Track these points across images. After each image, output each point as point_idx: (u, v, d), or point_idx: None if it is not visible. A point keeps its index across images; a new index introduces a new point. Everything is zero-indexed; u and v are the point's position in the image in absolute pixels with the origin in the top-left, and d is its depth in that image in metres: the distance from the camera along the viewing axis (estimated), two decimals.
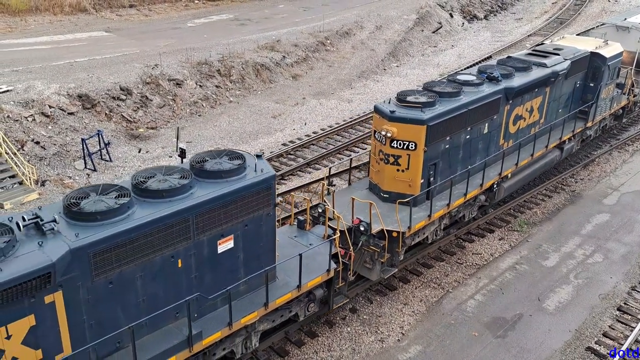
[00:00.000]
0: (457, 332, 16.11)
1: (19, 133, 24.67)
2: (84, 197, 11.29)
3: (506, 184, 21.14)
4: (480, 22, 57.24)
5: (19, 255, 9.94)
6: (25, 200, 21.68)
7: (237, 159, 13.19)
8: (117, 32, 43.10)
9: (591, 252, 19.93)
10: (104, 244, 10.69)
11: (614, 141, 29.12)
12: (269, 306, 13.54)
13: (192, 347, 12.18)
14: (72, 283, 10.44)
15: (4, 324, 9.81)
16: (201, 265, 12.56)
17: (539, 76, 21.51)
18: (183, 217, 11.75)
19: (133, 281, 11.46)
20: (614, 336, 15.94)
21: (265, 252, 13.81)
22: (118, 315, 11.45)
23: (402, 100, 17.86)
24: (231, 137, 28.91)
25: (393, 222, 16.62)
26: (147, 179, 12.08)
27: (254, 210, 13.14)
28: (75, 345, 10.83)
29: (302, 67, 39.62)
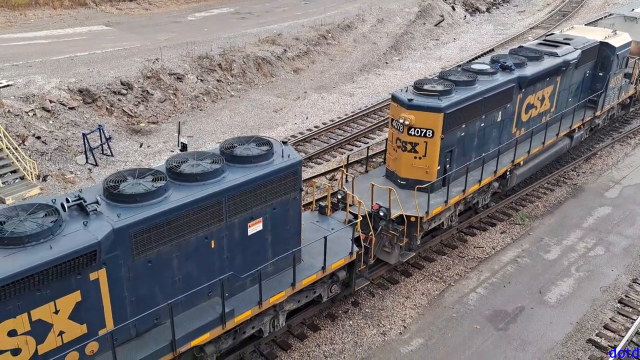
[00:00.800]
0: (459, 325, 16.13)
1: (19, 128, 24.67)
2: (123, 180, 11.80)
3: (518, 171, 21.60)
4: (483, 15, 57.10)
5: (66, 234, 10.42)
6: (26, 195, 21.70)
7: (265, 145, 13.68)
8: (117, 26, 43.05)
9: (593, 245, 19.92)
10: (144, 225, 11.16)
11: (616, 134, 29.07)
12: (295, 286, 14.05)
13: (225, 324, 12.72)
14: (114, 261, 10.99)
15: (53, 299, 10.28)
16: (232, 247, 13.07)
17: (551, 65, 21.96)
18: (216, 199, 12.24)
19: (170, 260, 11.97)
20: (615, 328, 15.95)
21: (291, 235, 14.33)
22: (156, 293, 11.95)
23: (420, 88, 18.21)
24: (232, 131, 28.89)
25: (411, 207, 17.12)
26: (180, 163, 12.56)
27: (282, 194, 13.64)
28: (117, 320, 11.34)
29: (303, 61, 39.56)
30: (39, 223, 10.33)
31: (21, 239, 10.02)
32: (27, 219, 10.44)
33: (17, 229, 10.13)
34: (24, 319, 10.05)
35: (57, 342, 10.61)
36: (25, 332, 10.13)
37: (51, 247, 10.04)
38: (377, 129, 29.26)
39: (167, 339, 11.80)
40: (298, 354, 15.05)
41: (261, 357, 14.92)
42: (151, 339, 11.88)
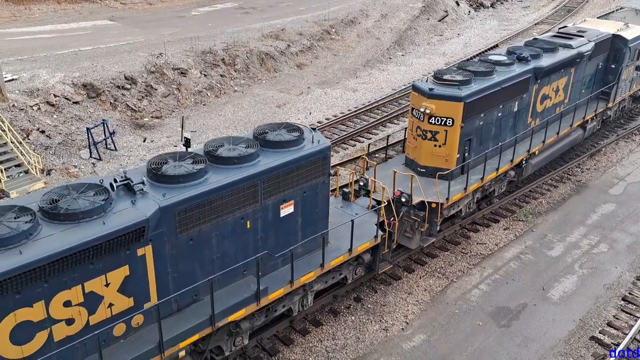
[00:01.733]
0: (461, 321, 16.13)
1: (24, 122, 24.71)
2: (164, 163, 12.47)
3: (534, 160, 22.14)
4: (487, 10, 56.91)
5: (116, 211, 11.06)
6: (31, 189, 21.73)
7: (296, 131, 14.30)
8: (121, 21, 43.03)
9: (596, 242, 19.89)
10: (187, 204, 11.80)
11: (621, 131, 28.99)
12: (324, 267, 14.67)
13: (260, 301, 13.33)
14: (160, 238, 11.62)
15: (104, 272, 10.93)
16: (266, 227, 13.69)
17: (565, 57, 22.44)
18: (252, 182, 12.87)
19: (209, 239, 12.59)
20: (618, 326, 15.93)
21: (320, 217, 14.94)
22: (195, 269, 12.56)
23: (440, 78, 18.74)
24: (236, 126, 28.89)
25: (432, 194, 17.68)
26: (217, 147, 13.19)
27: (312, 178, 14.25)
28: (160, 295, 11.97)
29: (306, 56, 39.50)
30: (91, 201, 10.99)
31: (76, 215, 10.63)
32: (79, 197, 11.08)
33: (72, 206, 10.73)
34: (78, 291, 10.68)
35: (106, 314, 11.25)
36: (78, 303, 10.75)
37: (104, 223, 10.68)
38: (380, 125, 29.23)
39: (207, 314, 12.39)
40: (300, 349, 15.08)
41: (263, 352, 14.95)
42: (191, 314, 12.47)
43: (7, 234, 9.93)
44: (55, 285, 10.30)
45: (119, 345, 11.48)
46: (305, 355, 14.90)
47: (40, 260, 9.85)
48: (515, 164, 20.97)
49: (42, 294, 10.21)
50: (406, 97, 33.19)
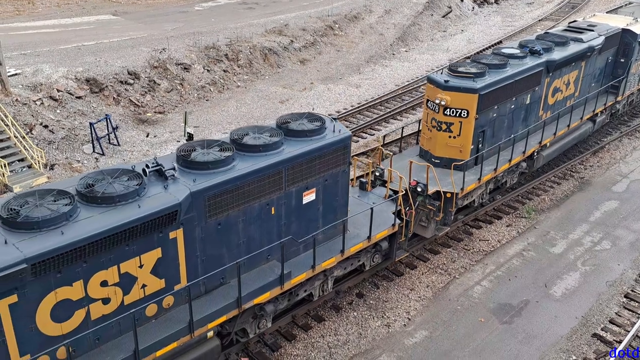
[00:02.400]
0: (463, 317, 16.14)
1: (27, 117, 24.73)
2: (193, 150, 12.86)
3: (545, 152, 22.58)
4: (491, 7, 56.76)
5: (150, 195, 11.48)
6: (34, 183, 21.77)
7: (317, 121, 14.70)
8: (124, 16, 43.02)
9: (599, 239, 19.86)
10: (216, 189, 12.23)
11: (624, 128, 28.93)
12: (344, 253, 15.08)
13: (283, 285, 13.76)
14: (190, 222, 12.04)
15: (139, 254, 11.36)
16: (289, 214, 14.12)
17: (577, 50, 22.91)
18: (277, 169, 13.30)
19: (236, 224, 13.02)
20: (620, 323, 15.92)
21: (340, 205, 15.36)
22: (223, 253, 13.01)
23: (455, 70, 19.18)
24: (239, 122, 28.88)
25: (446, 184, 18.05)
26: (243, 136, 13.62)
27: (333, 167, 14.67)
28: (190, 277, 12.43)
29: (310, 52, 39.46)
30: (125, 185, 11.41)
31: (112, 198, 11.05)
32: (114, 181, 11.50)
33: (108, 190, 11.18)
34: (114, 271, 11.12)
35: (139, 294, 11.69)
36: (114, 283, 11.19)
37: (140, 207, 11.09)
38: (384, 121, 29.20)
39: (234, 296, 12.82)
40: (302, 345, 15.10)
41: (266, 347, 14.97)
42: (219, 296, 12.94)
43: (48, 215, 10.29)
44: (93, 266, 10.75)
45: (151, 325, 11.95)
46: (307, 351, 14.92)
47: (80, 240, 10.26)
48: (527, 155, 21.36)
49: (81, 274, 10.64)
50: (409, 93, 33.16)
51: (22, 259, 9.65)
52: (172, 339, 11.92)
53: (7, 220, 10.24)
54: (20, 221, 10.18)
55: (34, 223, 10.18)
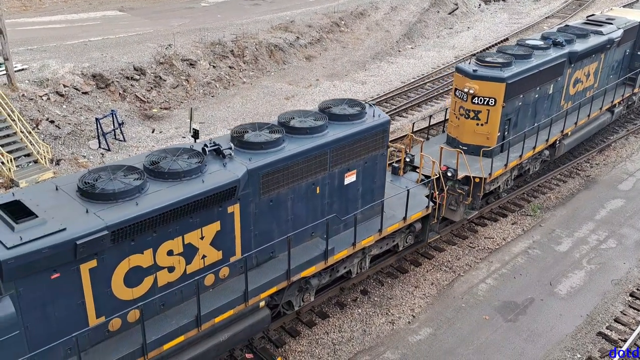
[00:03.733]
0: (468, 315, 16.12)
1: (33, 112, 24.80)
2: (245, 132, 13.67)
3: (566, 141, 23.36)
4: (498, 4, 56.56)
5: (211, 172, 12.32)
6: (40, 179, 21.83)
7: (357, 106, 15.47)
8: (130, 12, 43.07)
9: (605, 237, 19.80)
10: (269, 168, 13.08)
11: (631, 126, 28.82)
12: (382, 232, 15.88)
13: (327, 260, 14.61)
14: (246, 198, 12.91)
15: (200, 226, 12.21)
16: (332, 194, 14.94)
17: (597, 43, 23.73)
18: (323, 150, 14.12)
19: (285, 202, 13.86)
20: (625, 322, 15.88)
21: (377, 187, 16.20)
22: (273, 229, 13.84)
23: (482, 60, 20.08)
24: (244, 118, 28.90)
25: (475, 169, 18.86)
26: (290, 119, 14.43)
27: (372, 150, 15.45)
28: (244, 250, 13.29)
29: (315, 49, 39.42)
30: (189, 162, 12.23)
31: (178, 174, 11.90)
32: (177, 159, 12.34)
33: (173, 167, 12.02)
34: (179, 242, 11.95)
35: (200, 264, 12.52)
36: (179, 253, 12.03)
37: (203, 182, 11.92)
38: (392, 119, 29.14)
39: (283, 269, 13.67)
40: (307, 341, 15.12)
41: (270, 344, 15.00)
42: (269, 269, 13.77)
43: (123, 188, 11.15)
44: (162, 235, 11.58)
45: (209, 294, 12.74)
46: (311, 347, 14.94)
47: (153, 211, 11.08)
48: (550, 143, 22.12)
49: (151, 243, 11.47)
50: (415, 90, 33.10)
51: (103, 226, 10.47)
52: (229, 307, 12.76)
53: (85, 192, 11.06)
54: (98, 193, 11.01)
55: (110, 195, 11.01)
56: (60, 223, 10.26)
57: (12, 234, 9.85)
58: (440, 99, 31.82)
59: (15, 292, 9.84)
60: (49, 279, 10.20)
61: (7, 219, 10.18)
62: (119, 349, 11.22)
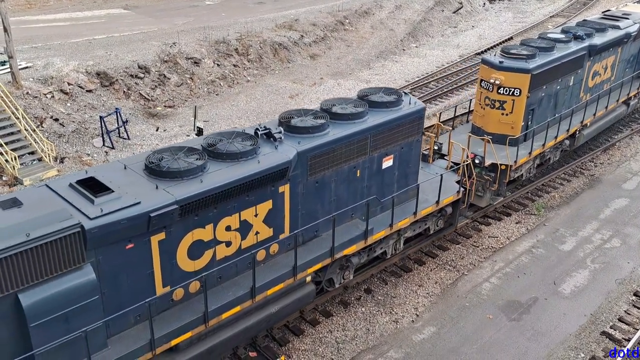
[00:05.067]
0: (472, 314, 16.11)
1: (38, 110, 24.86)
2: (292, 118, 14.43)
3: (585, 131, 24.11)
4: (502, 3, 56.46)
5: (264, 154, 13.09)
6: (44, 176, 21.89)
7: (394, 94, 16.22)
8: (135, 10, 43.11)
9: (609, 236, 19.76)
10: (316, 151, 13.84)
11: (635, 125, 28.74)
12: (417, 215, 16.65)
13: (367, 240, 15.39)
14: (295, 179, 13.67)
15: (255, 204, 13.01)
16: (371, 177, 15.69)
17: (615, 36, 24.57)
18: (363, 135, 14.84)
19: (329, 183, 14.61)
20: (629, 321, 15.84)
21: (412, 172, 16.96)
22: (318, 209, 14.58)
23: (508, 52, 20.95)
24: (248, 116, 28.90)
25: (501, 157, 19.65)
26: (332, 106, 15.22)
27: (408, 136, 16.19)
28: (292, 228, 14.05)
29: (320, 47, 39.40)
30: (244, 144, 13.04)
31: (236, 155, 12.71)
32: (234, 141, 13.16)
33: (230, 148, 12.83)
34: (236, 218, 12.75)
35: (253, 240, 13.31)
36: (235, 228, 12.81)
37: (259, 162, 12.71)
38: None
39: (327, 247, 14.47)
40: (310, 340, 15.12)
41: (273, 342, 15.01)
42: (314, 246, 14.54)
43: (188, 166, 11.97)
44: (221, 211, 12.37)
45: (261, 268, 13.44)
46: (315, 346, 14.95)
47: (215, 188, 11.87)
48: (571, 133, 22.87)
49: (212, 218, 12.26)
50: (420, 89, 33.06)
51: (173, 200, 11.27)
52: (279, 280, 13.53)
53: (153, 170, 11.91)
54: (166, 171, 11.84)
55: (177, 172, 11.84)
56: (134, 197, 11.05)
57: (93, 207, 10.66)
58: (444, 98, 31.76)
59: (95, 260, 10.65)
60: (124, 249, 11.03)
61: (87, 193, 11.00)
62: (182, 317, 12.00)
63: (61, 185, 11.42)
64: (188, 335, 12.05)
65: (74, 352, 10.49)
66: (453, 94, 32.18)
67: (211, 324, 12.37)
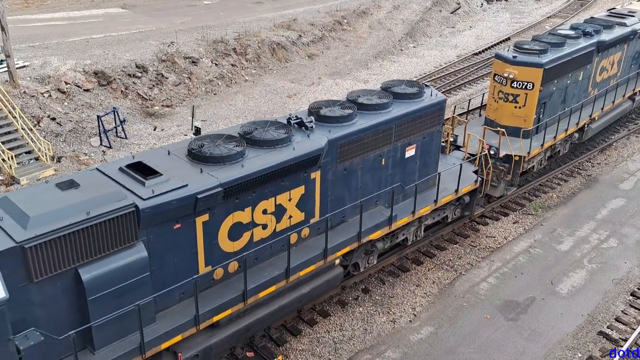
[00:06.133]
0: (469, 314, 16.12)
1: (35, 109, 24.81)
2: (321, 108, 15.12)
3: (593, 125, 24.92)
4: (500, 3, 56.53)
5: (298, 142, 13.67)
6: (41, 176, 21.85)
7: (416, 86, 16.80)
8: (133, 9, 43.06)
9: (606, 236, 19.79)
10: (345, 139, 14.47)
11: (632, 125, 28.79)
12: (437, 202, 17.30)
13: (391, 225, 16.00)
14: (326, 166, 14.32)
15: (289, 189, 13.64)
16: (395, 166, 16.33)
17: (622, 33, 25.29)
18: (389, 125, 15.45)
19: (356, 171, 15.26)
20: (626, 321, 15.87)
21: (432, 162, 17.60)
22: (345, 195, 15.24)
23: (521, 47, 21.67)
24: (246, 116, 28.88)
25: (514, 149, 20.40)
26: (357, 97, 15.84)
27: (430, 127, 16.81)
28: (321, 213, 14.71)
29: (318, 47, 39.41)
30: (279, 132, 13.65)
31: (272, 142, 13.32)
32: (268, 130, 13.75)
33: (266, 136, 13.44)
34: (272, 202, 13.39)
35: (287, 224, 13.96)
36: (271, 212, 13.47)
37: (294, 149, 13.32)
38: None
39: (354, 232, 15.08)
40: (308, 340, 15.11)
41: (271, 342, 15.00)
42: (342, 230, 15.18)
43: (229, 152, 12.62)
44: (259, 195, 13.03)
45: (293, 251, 14.00)
46: (312, 346, 14.94)
47: (255, 172, 12.51)
48: (580, 127, 23.77)
49: (251, 201, 12.92)
50: None
51: (218, 183, 11.89)
52: (311, 262, 14.19)
53: (196, 155, 12.55)
54: (209, 156, 12.47)
55: (219, 158, 12.47)
56: (182, 180, 11.66)
57: (144, 189, 11.28)
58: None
59: (147, 239, 11.29)
60: (172, 229, 11.69)
61: (137, 176, 11.63)
62: (223, 295, 12.64)
63: (111, 169, 12.08)
64: (228, 312, 12.72)
65: (126, 325, 11.20)
66: (451, 94, 32.20)
67: (249, 302, 13.03)
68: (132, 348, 11.20)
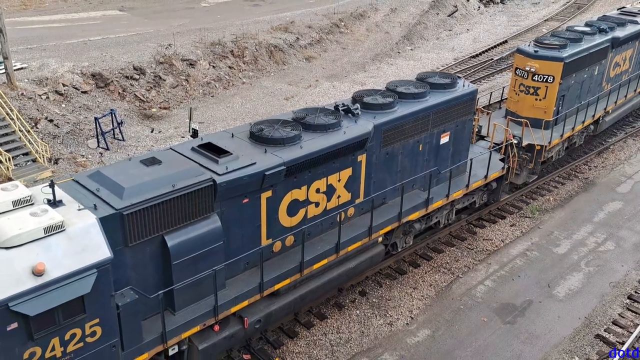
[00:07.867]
0: (466, 317, 16.12)
1: (32, 111, 24.77)
2: (364, 96, 16.05)
3: (607, 118, 26.17)
4: (497, 6, 56.63)
5: (347, 127, 14.65)
6: (38, 177, 21.80)
7: (448, 78, 17.81)
8: (131, 11, 43.06)
9: (603, 239, 19.81)
10: (389, 125, 15.48)
11: (629, 129, 28.85)
12: (469, 187, 18.33)
13: (428, 207, 17.10)
14: (371, 150, 15.32)
15: (339, 170, 14.68)
16: (430, 151, 17.29)
17: (635, 30, 26.30)
18: (426, 113, 16.45)
19: (397, 155, 16.26)
20: (623, 324, 15.88)
21: (464, 149, 18.60)
22: (386, 178, 16.27)
23: (542, 42, 22.70)
24: (244, 118, 28.88)
25: (537, 139, 21.41)
26: (396, 86, 16.92)
27: (462, 115, 17.74)
28: (366, 194, 15.76)
29: (315, 49, 39.43)
30: (329, 118, 14.63)
31: (324, 126, 14.34)
32: (319, 116, 14.78)
33: (319, 121, 14.42)
34: (324, 182, 14.44)
35: (336, 203, 14.99)
36: (323, 191, 14.52)
37: (345, 133, 14.32)
38: None
39: (395, 212, 16.14)
40: (305, 342, 15.10)
41: (268, 345, 14.99)
42: (383, 211, 16.16)
43: (287, 135, 13.63)
44: (314, 175, 14.06)
45: (341, 228, 14.83)
46: (309, 349, 14.92)
47: (312, 153, 13.52)
48: (596, 119, 24.87)
49: (306, 180, 13.97)
50: None
51: (281, 162, 12.93)
52: (357, 239, 15.25)
53: (259, 137, 13.58)
54: (271, 137, 13.50)
55: (280, 140, 13.50)
56: (250, 159, 12.72)
57: (218, 165, 12.35)
58: None
59: (220, 211, 12.37)
60: (241, 203, 12.80)
61: (210, 155, 12.71)
62: (282, 266, 13.76)
63: (185, 148, 13.18)
64: (287, 282, 13.82)
65: (202, 290, 12.29)
66: None
67: (305, 273, 14.13)
68: (206, 310, 12.27)
